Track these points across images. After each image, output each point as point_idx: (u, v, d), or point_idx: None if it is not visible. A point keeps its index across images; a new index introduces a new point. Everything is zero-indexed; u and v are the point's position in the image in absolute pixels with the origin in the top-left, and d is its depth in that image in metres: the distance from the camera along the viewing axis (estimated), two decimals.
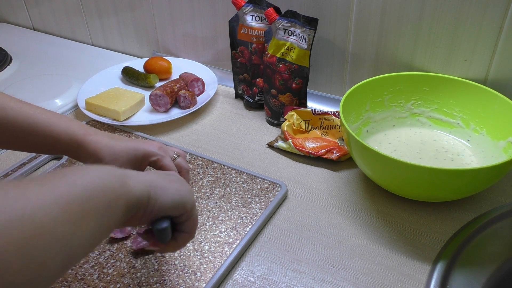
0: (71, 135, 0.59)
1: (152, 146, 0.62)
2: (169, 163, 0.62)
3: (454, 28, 0.75)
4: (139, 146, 0.61)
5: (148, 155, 0.61)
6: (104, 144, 0.59)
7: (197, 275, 0.58)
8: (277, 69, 0.82)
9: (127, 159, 0.60)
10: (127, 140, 0.62)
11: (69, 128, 0.59)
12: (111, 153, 0.59)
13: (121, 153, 0.60)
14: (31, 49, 1.24)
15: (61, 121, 0.59)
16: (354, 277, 0.58)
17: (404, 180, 0.63)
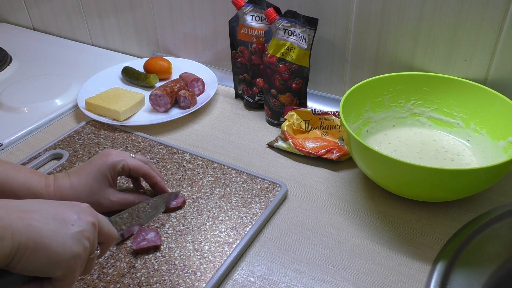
0: (30, 189, 0.58)
1: (110, 157, 0.63)
2: (134, 162, 0.64)
3: (454, 28, 0.75)
4: (100, 166, 0.62)
5: (114, 166, 0.62)
6: (68, 187, 0.60)
7: (197, 275, 0.58)
8: (277, 69, 0.82)
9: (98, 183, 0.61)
10: (84, 168, 0.62)
11: (28, 182, 0.58)
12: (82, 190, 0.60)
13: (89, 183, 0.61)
14: (31, 49, 1.24)
15: (19, 174, 0.59)
16: (354, 277, 0.58)
17: (404, 180, 0.63)
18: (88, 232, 0.45)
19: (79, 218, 0.45)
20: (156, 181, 0.67)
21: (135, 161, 0.64)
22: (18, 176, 0.58)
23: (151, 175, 0.66)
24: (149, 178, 0.66)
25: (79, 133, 0.87)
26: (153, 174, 0.66)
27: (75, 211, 0.46)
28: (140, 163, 0.65)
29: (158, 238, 0.62)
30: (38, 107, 0.95)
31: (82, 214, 0.46)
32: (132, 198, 0.65)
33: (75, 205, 0.47)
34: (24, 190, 0.58)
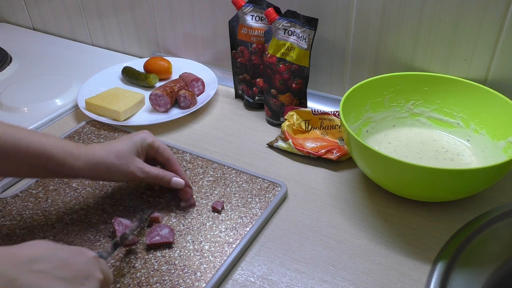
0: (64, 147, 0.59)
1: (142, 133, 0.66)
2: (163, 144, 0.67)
3: (454, 28, 0.75)
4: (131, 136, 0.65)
5: (145, 138, 0.65)
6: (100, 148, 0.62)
7: (197, 275, 0.58)
8: (277, 69, 0.82)
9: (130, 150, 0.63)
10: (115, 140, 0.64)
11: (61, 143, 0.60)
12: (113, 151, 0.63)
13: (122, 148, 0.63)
14: (31, 49, 1.24)
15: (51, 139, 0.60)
16: (354, 277, 0.58)
17: (404, 180, 0.63)
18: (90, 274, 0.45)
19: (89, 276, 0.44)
20: (177, 168, 0.67)
21: (163, 144, 0.67)
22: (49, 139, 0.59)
23: (173, 161, 0.67)
24: (171, 165, 0.67)
25: (79, 133, 0.87)
26: (176, 161, 0.68)
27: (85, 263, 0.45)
28: (167, 147, 0.67)
29: (171, 235, 0.62)
30: (38, 107, 0.95)
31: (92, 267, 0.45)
32: (158, 171, 0.65)
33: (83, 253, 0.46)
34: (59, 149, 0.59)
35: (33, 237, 0.64)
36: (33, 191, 0.73)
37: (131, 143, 0.64)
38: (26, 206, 0.70)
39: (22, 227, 0.66)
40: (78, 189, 0.73)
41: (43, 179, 0.75)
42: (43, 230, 0.65)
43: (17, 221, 0.67)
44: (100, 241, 0.63)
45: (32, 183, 0.74)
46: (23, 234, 0.65)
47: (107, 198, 0.71)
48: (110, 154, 0.61)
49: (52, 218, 0.67)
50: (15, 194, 0.72)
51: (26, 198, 0.71)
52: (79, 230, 0.65)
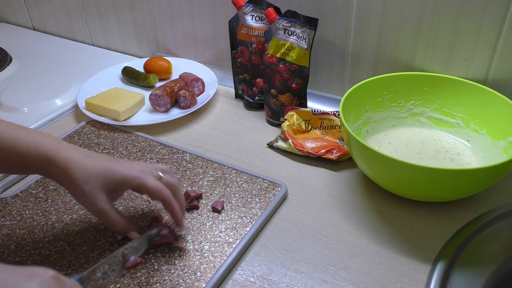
0: (40, 150, 0.54)
1: (131, 169, 0.56)
2: (154, 184, 0.56)
3: (454, 28, 0.75)
4: (116, 169, 0.55)
5: (126, 181, 0.56)
6: (77, 163, 0.54)
7: (197, 275, 0.58)
8: (277, 69, 0.82)
9: (102, 181, 0.55)
10: (105, 159, 0.57)
11: (39, 143, 0.54)
12: (84, 173, 0.54)
13: (95, 174, 0.54)
14: (31, 49, 1.24)
15: (29, 135, 0.55)
16: (354, 277, 0.58)
17: (404, 180, 0.63)
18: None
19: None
20: (172, 211, 0.58)
21: (155, 183, 0.56)
22: (28, 137, 0.54)
23: (167, 204, 0.58)
24: (166, 206, 0.59)
25: (79, 133, 0.87)
26: (171, 203, 0.58)
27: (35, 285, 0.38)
28: (161, 187, 0.57)
29: (172, 235, 0.62)
30: (38, 107, 0.95)
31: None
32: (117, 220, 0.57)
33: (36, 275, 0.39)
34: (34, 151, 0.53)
35: (33, 237, 0.64)
36: (33, 191, 0.73)
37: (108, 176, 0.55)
38: (26, 206, 0.70)
39: (22, 227, 0.66)
40: None
41: (43, 180, 0.75)
42: (43, 230, 0.65)
43: (17, 221, 0.67)
44: (100, 241, 0.63)
45: (32, 183, 0.74)
46: (23, 234, 0.65)
47: None
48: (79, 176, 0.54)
49: (52, 218, 0.67)
50: (15, 194, 0.72)
51: (26, 198, 0.71)
52: (79, 230, 0.65)
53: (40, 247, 0.63)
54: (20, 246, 0.63)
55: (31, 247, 0.63)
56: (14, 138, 0.54)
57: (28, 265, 0.59)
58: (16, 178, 0.76)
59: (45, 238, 0.64)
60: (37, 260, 0.61)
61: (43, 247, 0.63)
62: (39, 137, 0.55)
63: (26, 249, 0.62)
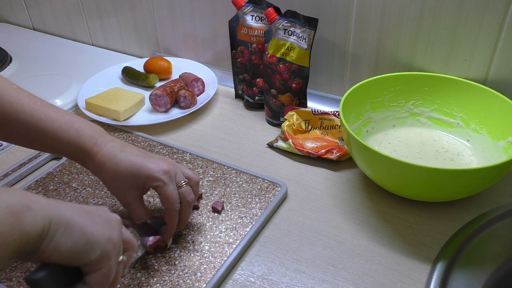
0: (78, 146, 0.57)
1: (159, 168, 0.57)
2: (169, 193, 0.57)
3: (454, 28, 0.75)
4: (142, 167, 0.57)
5: (150, 180, 0.57)
6: (110, 159, 0.57)
7: (197, 275, 0.58)
8: (277, 69, 0.82)
9: (129, 179, 0.57)
10: (136, 155, 0.58)
11: (78, 138, 0.57)
12: (114, 171, 0.57)
13: (124, 171, 0.57)
14: (31, 49, 1.24)
15: (71, 129, 0.57)
16: (354, 277, 0.58)
17: (404, 180, 0.63)
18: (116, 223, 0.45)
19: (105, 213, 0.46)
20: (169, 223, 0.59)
21: (171, 192, 0.57)
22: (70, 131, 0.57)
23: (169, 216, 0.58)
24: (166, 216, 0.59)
25: None
26: (172, 217, 0.58)
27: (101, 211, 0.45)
28: (173, 198, 0.57)
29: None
30: None
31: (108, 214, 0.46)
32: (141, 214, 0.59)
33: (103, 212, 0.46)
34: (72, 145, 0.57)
35: None
36: (33, 191, 0.73)
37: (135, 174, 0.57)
38: None
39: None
40: (78, 189, 0.73)
41: (43, 180, 0.75)
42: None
43: None
44: None
45: (32, 183, 0.74)
46: None
47: (107, 198, 0.71)
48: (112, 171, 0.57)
49: None
50: None
51: None
52: None
53: None
54: None
55: None
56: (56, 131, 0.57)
57: (28, 265, 0.60)
58: (16, 178, 0.76)
59: None
60: None
61: None
62: (81, 131, 0.58)
63: None
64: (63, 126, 0.57)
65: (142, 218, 0.60)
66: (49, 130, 0.57)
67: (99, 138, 0.59)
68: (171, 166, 0.58)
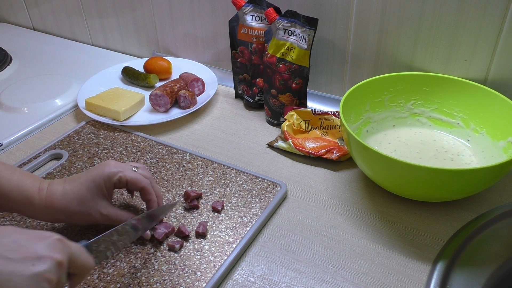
0: (23, 192, 0.57)
1: (108, 167, 0.60)
2: (133, 175, 0.60)
3: (454, 28, 0.75)
4: (96, 175, 0.59)
5: (109, 178, 0.59)
6: (59, 194, 0.58)
7: (197, 274, 0.58)
8: (277, 69, 0.82)
9: (91, 193, 0.58)
10: (80, 177, 0.60)
11: (21, 184, 0.57)
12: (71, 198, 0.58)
13: (81, 192, 0.58)
14: (31, 49, 1.24)
15: (13, 176, 0.57)
16: (354, 277, 0.58)
17: (404, 180, 0.63)
18: (50, 273, 0.41)
19: (43, 257, 0.41)
20: (150, 198, 0.62)
21: (133, 174, 0.61)
22: (11, 178, 0.57)
23: (146, 191, 0.62)
24: (145, 194, 0.62)
25: (78, 133, 0.87)
26: (150, 191, 0.62)
27: (42, 246, 0.42)
28: (139, 177, 0.61)
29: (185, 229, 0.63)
30: (38, 107, 0.95)
31: (50, 250, 0.42)
32: (125, 216, 0.61)
33: (44, 238, 0.43)
34: (16, 192, 0.57)
35: None
36: None
37: (93, 186, 0.59)
38: None
39: (22, 227, 0.66)
40: None
41: None
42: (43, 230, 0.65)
43: (17, 221, 0.67)
44: None
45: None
46: None
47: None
48: (71, 203, 0.58)
49: None
50: None
51: None
52: (79, 230, 0.65)
53: None
54: None
55: None
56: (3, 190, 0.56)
57: None
58: None
59: None
60: None
61: None
62: (23, 178, 0.58)
63: None
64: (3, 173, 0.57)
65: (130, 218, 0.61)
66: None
67: (41, 182, 0.59)
68: (115, 162, 0.62)
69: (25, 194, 0.57)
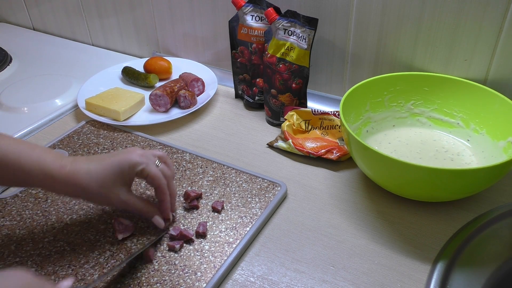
0: (43, 169, 0.57)
1: (134, 154, 0.60)
2: (155, 171, 0.60)
3: (454, 28, 0.75)
4: (121, 160, 0.59)
5: (134, 166, 0.59)
6: (83, 173, 0.58)
7: (198, 275, 0.58)
8: (277, 69, 0.82)
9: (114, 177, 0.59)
10: (106, 158, 0.60)
11: (42, 161, 0.57)
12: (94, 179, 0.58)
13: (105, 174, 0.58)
14: (31, 49, 1.24)
15: (33, 153, 0.57)
16: (354, 277, 0.58)
17: (404, 180, 0.63)
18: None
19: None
20: (163, 199, 0.62)
21: (155, 170, 0.61)
22: (31, 155, 0.57)
23: (161, 191, 0.62)
24: (158, 194, 0.62)
25: (78, 133, 0.87)
26: (165, 191, 0.62)
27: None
28: (159, 175, 0.61)
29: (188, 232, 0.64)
30: (38, 107, 0.95)
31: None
32: (141, 205, 0.62)
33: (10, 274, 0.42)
34: (37, 170, 0.56)
35: (33, 237, 0.64)
36: (32, 191, 0.73)
37: (118, 170, 0.59)
38: (26, 206, 0.70)
39: (22, 227, 0.66)
40: None
41: None
42: (43, 230, 0.65)
43: (17, 221, 0.67)
44: (100, 241, 0.63)
45: None
46: (23, 234, 0.65)
47: None
48: (91, 182, 0.58)
49: (52, 218, 0.67)
50: (15, 194, 0.72)
51: (26, 198, 0.71)
52: (79, 230, 0.65)
53: (40, 247, 0.63)
54: (20, 247, 0.63)
55: (31, 247, 0.63)
56: (18, 156, 0.56)
57: (28, 266, 0.60)
58: None
59: (45, 238, 0.64)
60: (37, 260, 0.61)
61: (43, 247, 0.63)
62: (43, 155, 0.58)
63: (26, 250, 0.62)
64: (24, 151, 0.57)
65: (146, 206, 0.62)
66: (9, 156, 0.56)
67: (62, 160, 0.58)
68: (142, 150, 0.62)
69: (46, 171, 0.56)
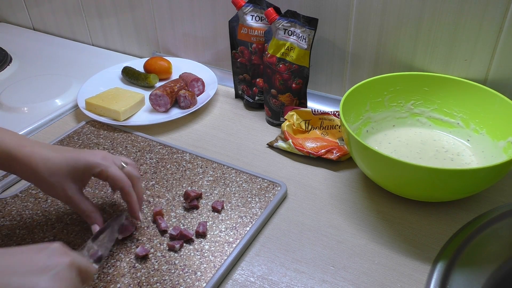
0: (2, 147, 0.56)
1: (94, 156, 0.59)
2: (115, 172, 0.59)
3: (454, 28, 0.75)
4: (79, 157, 0.58)
5: (90, 167, 0.58)
6: (40, 157, 0.57)
7: (197, 274, 0.58)
8: (277, 69, 0.82)
9: (67, 171, 0.58)
10: (68, 150, 0.59)
11: (1, 140, 0.56)
12: (49, 166, 0.57)
13: (60, 165, 0.57)
14: (31, 49, 1.24)
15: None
16: (354, 277, 0.58)
17: (404, 180, 0.63)
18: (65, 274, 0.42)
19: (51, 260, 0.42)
20: (129, 200, 0.61)
21: (117, 172, 0.59)
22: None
23: (126, 193, 0.60)
24: (123, 196, 0.61)
25: (78, 133, 0.87)
26: (130, 193, 0.60)
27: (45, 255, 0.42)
28: (121, 177, 0.59)
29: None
30: (38, 107, 0.95)
31: (54, 256, 0.42)
32: (85, 208, 0.60)
33: (43, 248, 0.43)
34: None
35: (33, 237, 0.64)
36: (32, 191, 0.73)
37: (73, 166, 0.58)
38: (26, 206, 0.70)
39: (22, 227, 0.66)
40: None
41: None
42: (43, 230, 0.65)
43: (17, 221, 0.67)
44: None
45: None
46: (23, 234, 0.65)
47: (107, 198, 0.71)
48: (44, 169, 0.57)
49: (52, 218, 0.67)
50: (15, 194, 0.72)
51: (26, 198, 0.71)
52: (79, 230, 0.65)
53: None
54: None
55: None
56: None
57: None
58: (16, 178, 0.76)
59: (45, 238, 0.64)
60: None
61: None
62: (2, 134, 0.57)
63: None
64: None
65: (90, 210, 0.60)
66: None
67: (22, 140, 0.58)
68: (106, 154, 0.61)
69: (4, 148, 0.56)
